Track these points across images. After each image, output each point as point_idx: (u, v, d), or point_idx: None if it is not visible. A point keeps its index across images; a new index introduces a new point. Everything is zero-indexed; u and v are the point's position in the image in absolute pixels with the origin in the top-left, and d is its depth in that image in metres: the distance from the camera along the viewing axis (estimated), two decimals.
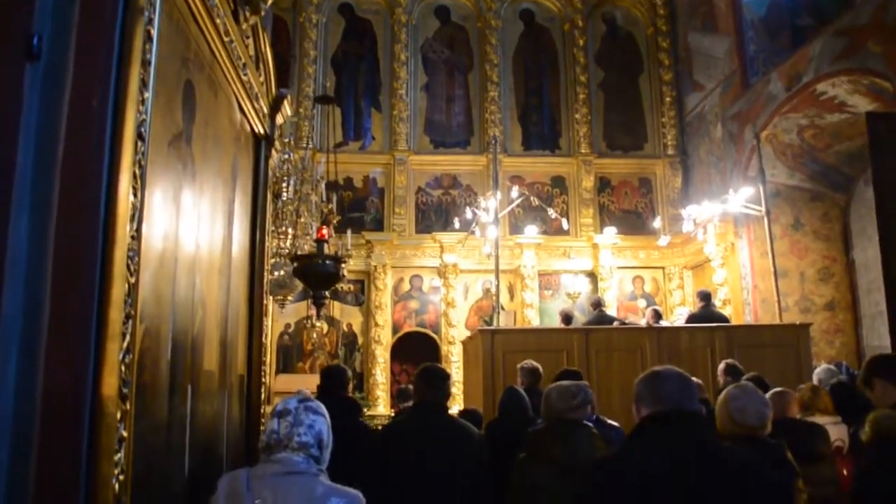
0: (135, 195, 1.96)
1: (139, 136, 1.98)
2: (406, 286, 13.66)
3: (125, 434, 1.86)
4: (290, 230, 8.78)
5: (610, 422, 4.38)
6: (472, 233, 11.75)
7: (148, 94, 2.04)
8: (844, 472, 4.06)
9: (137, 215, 1.98)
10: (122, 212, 1.88)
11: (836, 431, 4.56)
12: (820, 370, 6.51)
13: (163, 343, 2.42)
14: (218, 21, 2.95)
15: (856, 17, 9.32)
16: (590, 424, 3.30)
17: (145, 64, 2.00)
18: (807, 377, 6.59)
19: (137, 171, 1.97)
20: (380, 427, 7.34)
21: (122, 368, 1.86)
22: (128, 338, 1.90)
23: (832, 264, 11.74)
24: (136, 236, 1.97)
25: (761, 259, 11.31)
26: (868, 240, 10.91)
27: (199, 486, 2.59)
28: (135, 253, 1.96)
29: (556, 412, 3.27)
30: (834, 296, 11.62)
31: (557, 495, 2.90)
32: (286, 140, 10.34)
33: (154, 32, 2.05)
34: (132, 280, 1.94)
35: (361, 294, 13.46)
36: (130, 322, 1.93)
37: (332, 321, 13.30)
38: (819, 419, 4.50)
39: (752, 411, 3.09)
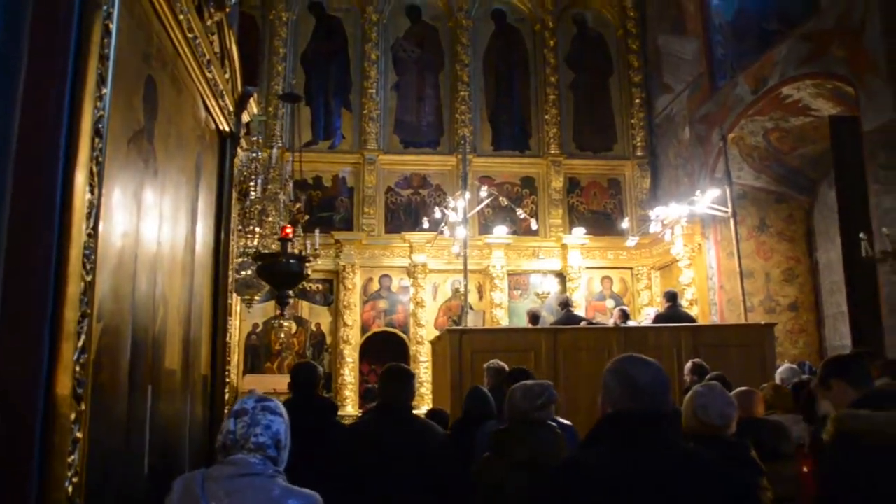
0: (92, 192, 1.92)
1: (97, 133, 1.94)
2: (375, 286, 13.62)
3: (79, 435, 1.83)
4: (257, 229, 8.70)
5: (563, 421, 4.37)
6: (441, 233, 11.75)
7: (106, 90, 2.00)
8: (805, 469, 4.11)
9: (94, 213, 1.94)
10: (79, 209, 1.84)
11: (797, 430, 4.63)
12: (782, 369, 6.61)
13: (122, 342, 2.38)
14: (181, 17, 2.91)
15: (820, 22, 9.45)
16: (554, 424, 3.30)
17: (103, 59, 1.97)
18: (771, 376, 6.67)
19: (95, 168, 1.93)
20: None
21: (78, 368, 1.82)
22: (83, 337, 1.87)
23: (796, 265, 11.92)
24: (93, 234, 1.93)
25: (727, 260, 11.45)
26: (831, 241, 11.10)
27: (160, 488, 2.55)
28: (91, 251, 1.92)
29: (519, 412, 3.26)
30: (798, 296, 11.80)
31: (520, 496, 2.89)
32: (255, 139, 10.25)
33: (113, 27, 2.01)
34: (88, 278, 1.90)
35: (330, 294, 13.40)
36: (87, 321, 1.89)
37: (300, 321, 13.22)
38: (780, 417, 4.56)
39: (715, 410, 3.12)
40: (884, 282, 8.21)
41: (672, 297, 9.30)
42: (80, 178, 1.85)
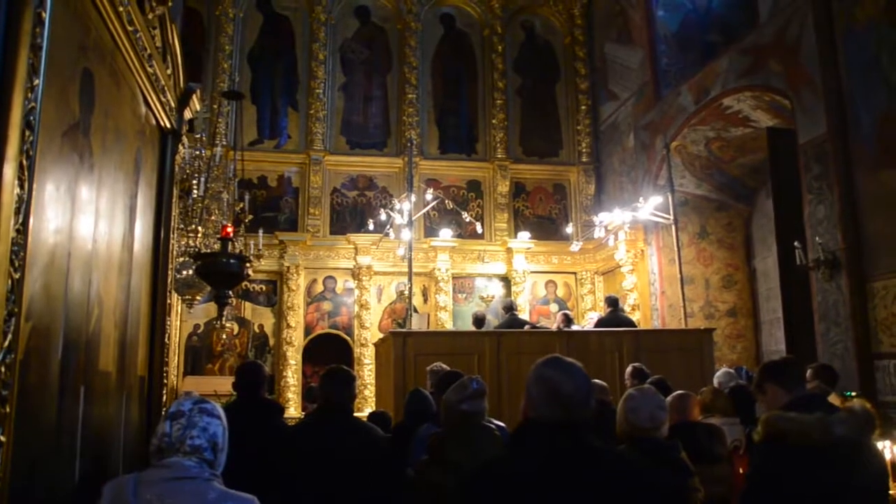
0: (21, 187, 1.86)
1: (28, 125, 1.88)
2: (319, 287, 13.50)
3: (2, 438, 1.76)
4: (199, 228, 8.54)
5: (496, 422, 4.37)
6: (387, 235, 11.71)
7: (38, 81, 1.94)
8: (740, 470, 4.20)
9: (24, 208, 1.88)
10: (7, 204, 1.78)
11: (734, 432, 4.73)
12: (719, 373, 6.76)
13: (53, 342, 2.32)
14: (121, 9, 2.85)
15: (760, 37, 9.69)
16: (492, 427, 3.29)
17: (35, 48, 1.91)
18: (710, 380, 6.81)
19: (25, 162, 1.88)
20: None
21: (3, 369, 1.76)
22: (10, 337, 1.81)
23: (735, 272, 12.19)
24: (23, 230, 1.87)
25: (669, 266, 11.65)
26: (768, 249, 11.39)
27: (92, 493, 2.48)
28: (20, 247, 1.86)
29: (451, 405, 3.21)
30: (736, 302, 12.08)
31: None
32: (199, 136, 10.06)
33: (46, 16, 1.96)
34: (17, 276, 1.84)
35: (274, 295, 13.23)
36: (14, 320, 1.83)
37: (243, 322, 13.04)
38: (717, 420, 4.64)
39: (644, 413, 3.16)
40: (816, 289, 8.44)
41: (613, 302, 9.42)
42: (9, 171, 1.80)
